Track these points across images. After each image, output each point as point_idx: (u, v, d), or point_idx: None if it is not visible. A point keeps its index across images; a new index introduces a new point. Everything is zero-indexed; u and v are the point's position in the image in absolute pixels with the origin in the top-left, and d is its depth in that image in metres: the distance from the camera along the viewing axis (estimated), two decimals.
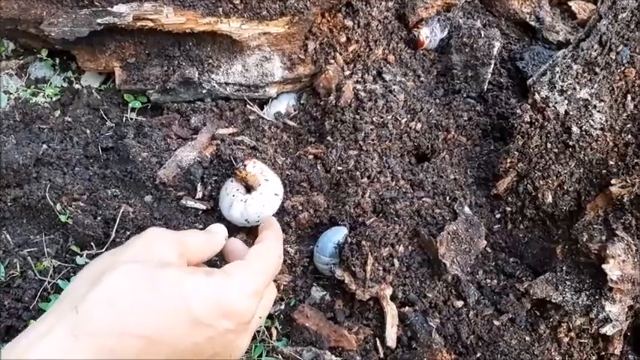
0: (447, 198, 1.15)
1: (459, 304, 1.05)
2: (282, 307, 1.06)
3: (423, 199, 1.13)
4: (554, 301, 1.03)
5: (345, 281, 1.02)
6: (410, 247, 1.07)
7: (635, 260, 0.98)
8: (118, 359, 0.64)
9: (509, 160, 1.14)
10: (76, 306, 0.65)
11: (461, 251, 1.05)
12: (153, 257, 0.75)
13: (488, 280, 1.10)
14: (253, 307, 0.77)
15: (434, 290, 1.05)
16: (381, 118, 1.22)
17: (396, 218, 1.09)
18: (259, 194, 1.08)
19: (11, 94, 1.34)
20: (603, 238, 1.00)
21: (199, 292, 0.71)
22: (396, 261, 1.05)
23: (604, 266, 0.97)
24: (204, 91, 1.30)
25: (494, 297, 1.07)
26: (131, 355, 0.65)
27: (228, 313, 0.73)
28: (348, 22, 1.32)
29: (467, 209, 1.12)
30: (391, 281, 1.03)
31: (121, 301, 0.67)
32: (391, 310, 1.02)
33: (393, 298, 1.04)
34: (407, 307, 1.04)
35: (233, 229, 1.11)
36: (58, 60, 1.40)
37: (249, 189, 1.10)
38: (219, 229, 0.92)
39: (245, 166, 1.08)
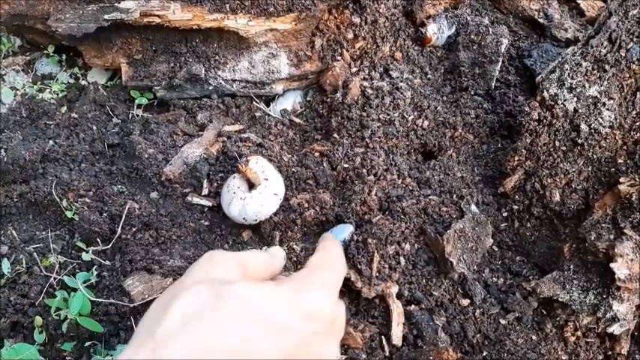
0: (454, 196, 1.14)
1: (465, 302, 1.04)
2: None
3: (430, 197, 1.13)
4: (561, 300, 1.02)
5: (351, 279, 1.02)
6: (416, 245, 1.07)
7: None
8: None
9: (516, 158, 1.13)
10: (153, 333, 0.64)
11: (467, 249, 1.05)
12: (218, 276, 0.74)
13: (495, 279, 1.09)
14: (334, 305, 0.74)
15: (440, 288, 1.04)
16: (388, 115, 1.22)
17: (402, 216, 1.08)
18: (258, 193, 1.07)
19: (18, 90, 1.35)
20: (611, 236, 1.00)
21: (275, 299, 0.69)
22: (402, 259, 1.04)
23: (612, 265, 0.97)
24: (210, 88, 1.30)
25: (500, 296, 1.06)
26: None
27: (311, 314, 0.70)
28: (356, 19, 1.32)
29: (474, 207, 1.11)
30: (397, 279, 1.03)
31: (197, 320, 0.65)
32: (397, 309, 1.02)
33: (399, 295, 1.03)
34: (413, 306, 1.03)
35: (234, 226, 1.11)
36: (64, 56, 1.40)
37: (251, 186, 1.10)
38: (278, 252, 0.92)
39: (248, 161, 1.08)
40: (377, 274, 1.02)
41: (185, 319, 0.65)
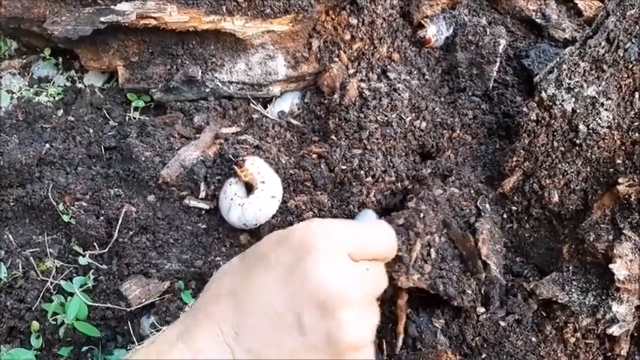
0: (472, 190, 1.12)
1: (481, 310, 1.02)
2: None
3: (452, 188, 1.09)
4: (560, 301, 1.01)
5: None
6: (442, 238, 1.02)
7: None
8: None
9: (515, 159, 1.13)
10: None
11: (494, 251, 1.03)
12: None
13: None
14: (317, 237, 0.66)
15: (470, 287, 1.00)
16: (386, 116, 1.21)
17: (434, 205, 1.04)
18: (256, 198, 1.07)
19: (14, 93, 1.34)
20: (610, 237, 0.99)
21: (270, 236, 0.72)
22: (432, 250, 0.99)
23: (611, 266, 0.96)
24: (207, 90, 1.30)
25: (501, 297, 1.06)
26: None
27: (285, 239, 0.67)
28: (353, 20, 1.31)
29: (488, 206, 1.09)
30: (429, 272, 0.97)
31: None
32: (404, 318, 1.00)
33: (433, 289, 0.98)
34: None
35: (232, 229, 1.11)
36: (61, 59, 1.40)
37: (249, 188, 1.09)
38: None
39: (244, 161, 1.07)
40: (413, 264, 0.96)
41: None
